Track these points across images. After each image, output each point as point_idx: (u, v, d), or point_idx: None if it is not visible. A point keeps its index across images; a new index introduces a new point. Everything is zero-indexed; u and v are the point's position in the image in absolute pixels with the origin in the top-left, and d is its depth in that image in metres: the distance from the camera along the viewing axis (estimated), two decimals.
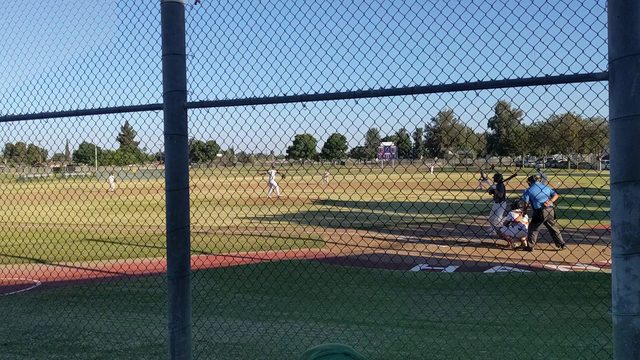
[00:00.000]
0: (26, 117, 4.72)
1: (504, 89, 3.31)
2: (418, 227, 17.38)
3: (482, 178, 34.29)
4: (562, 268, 10.81)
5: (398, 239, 15.75)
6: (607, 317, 6.62)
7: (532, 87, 3.24)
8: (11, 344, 6.51)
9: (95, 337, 6.69)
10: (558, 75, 3.14)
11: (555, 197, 14.01)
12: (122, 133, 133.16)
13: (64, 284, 10.36)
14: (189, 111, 4.01)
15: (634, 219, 2.78)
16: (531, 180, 14.61)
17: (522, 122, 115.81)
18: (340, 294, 8.90)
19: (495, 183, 16.25)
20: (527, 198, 14.23)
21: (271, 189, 31.61)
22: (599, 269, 10.07)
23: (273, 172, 31.67)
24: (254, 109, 3.92)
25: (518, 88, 3.33)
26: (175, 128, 3.92)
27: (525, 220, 14.41)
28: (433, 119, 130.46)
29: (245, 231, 16.96)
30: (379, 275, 10.47)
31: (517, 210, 14.53)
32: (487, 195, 17.62)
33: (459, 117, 4.27)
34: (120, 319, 7.55)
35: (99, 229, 18.11)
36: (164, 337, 6.45)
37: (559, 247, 13.68)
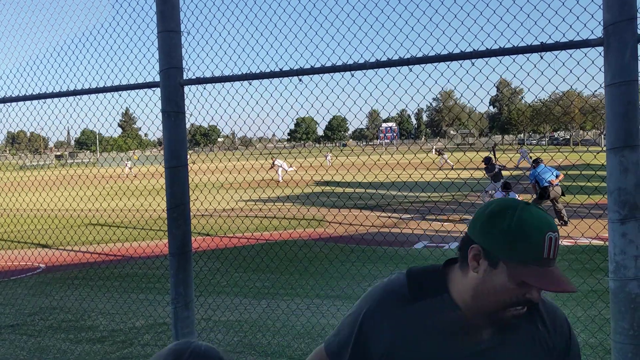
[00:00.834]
0: (24, 98, 4.72)
1: (500, 57, 3.31)
2: (422, 205, 17.42)
3: (438, 154, 34.44)
4: (566, 242, 10.84)
5: (402, 217, 15.79)
6: (605, 283, 6.66)
7: (527, 55, 3.23)
8: (18, 326, 6.59)
9: (100, 317, 6.77)
10: (553, 42, 3.14)
11: (561, 176, 14.19)
12: (123, 119, 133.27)
13: (69, 268, 10.45)
14: (187, 90, 4.01)
15: (629, 184, 2.79)
16: (536, 162, 14.74)
17: (523, 100, 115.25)
18: (343, 271, 8.95)
19: (486, 166, 16.36)
20: (533, 179, 14.46)
21: (281, 175, 31.89)
22: (603, 242, 10.09)
23: (282, 163, 32.03)
24: (250, 84, 3.92)
25: (514, 56, 3.32)
26: (172, 105, 3.93)
27: (516, 196, 14.54)
28: (434, 99, 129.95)
29: (248, 213, 17.02)
30: (382, 253, 10.51)
31: (507, 190, 14.70)
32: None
33: (462, 94, 4.25)
34: (125, 299, 7.62)
35: (103, 214, 18.19)
36: (168, 315, 6.53)
37: (561, 223, 13.78)
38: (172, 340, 4.05)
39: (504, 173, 17.65)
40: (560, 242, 1.53)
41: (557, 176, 14.15)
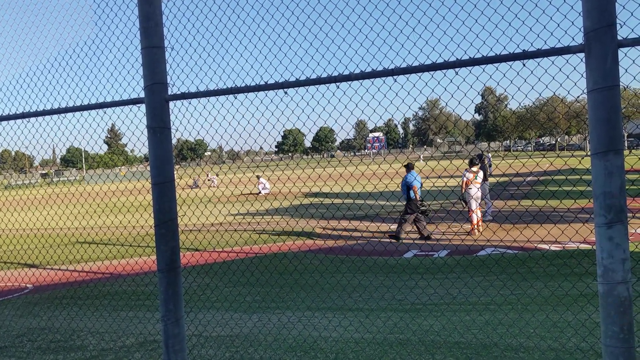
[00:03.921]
0: (7, 117, 4.69)
1: (483, 66, 3.33)
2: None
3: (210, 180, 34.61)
4: (555, 247, 10.90)
5: (390, 227, 15.79)
6: (594, 287, 6.71)
7: (510, 62, 3.26)
8: (5, 348, 6.49)
9: (90, 337, 6.68)
10: (535, 49, 3.17)
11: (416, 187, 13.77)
12: (109, 135, 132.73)
13: (57, 287, 10.33)
14: (172, 105, 4.01)
15: (614, 187, 2.81)
16: (408, 168, 13.89)
17: (508, 107, 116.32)
18: (334, 283, 8.94)
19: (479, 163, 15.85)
20: (417, 183, 13.63)
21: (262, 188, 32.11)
22: (590, 246, 10.16)
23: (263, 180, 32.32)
24: (235, 98, 3.93)
25: (496, 65, 3.35)
26: (158, 121, 3.92)
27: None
28: (420, 108, 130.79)
29: (237, 227, 16.95)
30: (372, 264, 10.51)
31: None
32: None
33: (446, 104, 4.28)
34: (115, 317, 7.55)
35: (90, 232, 18.06)
36: (158, 333, 6.46)
37: (425, 238, 13.58)
38: (163, 357, 4.01)
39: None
40: (549, 247, 1.52)
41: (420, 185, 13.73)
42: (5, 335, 7.12)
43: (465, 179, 14.14)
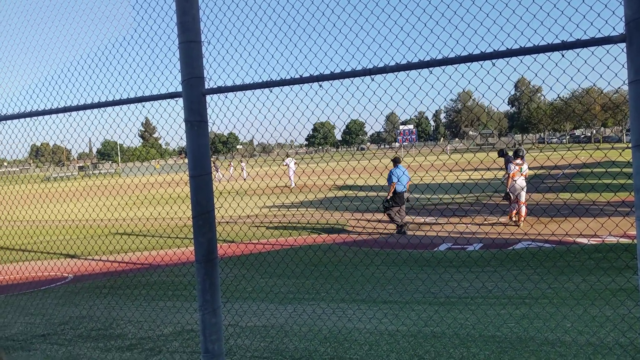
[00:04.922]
0: (50, 111, 4.82)
1: (520, 57, 3.29)
2: (446, 207, 17.31)
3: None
4: (594, 241, 10.70)
5: (425, 220, 15.71)
6: (634, 281, 6.59)
7: (548, 53, 3.22)
8: (48, 335, 6.70)
9: (128, 325, 6.85)
10: (574, 40, 3.11)
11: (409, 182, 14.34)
12: (142, 129, 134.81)
13: (96, 277, 10.60)
14: (208, 99, 4.06)
15: None
16: (395, 162, 14.35)
17: (543, 98, 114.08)
18: (368, 276, 8.95)
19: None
20: (395, 179, 14.03)
21: (292, 177, 32.10)
22: (631, 240, 9.95)
23: (292, 162, 32.17)
24: (271, 91, 3.96)
25: (534, 56, 3.31)
26: (195, 115, 3.98)
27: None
28: (453, 100, 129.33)
29: (272, 219, 17.09)
30: (407, 256, 10.49)
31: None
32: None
33: (483, 95, 4.24)
34: (153, 307, 7.71)
35: (129, 223, 18.41)
36: (195, 322, 6.58)
37: (401, 233, 13.88)
38: (200, 346, 4.09)
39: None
40: (588, 241, 1.50)
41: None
42: (48, 323, 7.34)
43: (512, 172, 14.15)
